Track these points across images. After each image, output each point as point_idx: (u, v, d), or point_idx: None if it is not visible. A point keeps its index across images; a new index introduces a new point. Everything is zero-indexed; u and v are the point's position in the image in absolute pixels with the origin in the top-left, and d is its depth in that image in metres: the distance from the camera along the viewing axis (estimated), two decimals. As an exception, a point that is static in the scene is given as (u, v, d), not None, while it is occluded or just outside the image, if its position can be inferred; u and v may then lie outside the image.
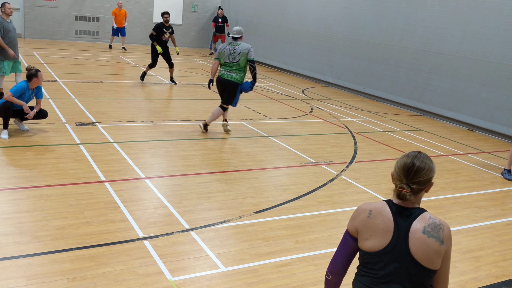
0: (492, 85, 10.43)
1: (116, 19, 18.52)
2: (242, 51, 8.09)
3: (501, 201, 6.59)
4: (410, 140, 9.31)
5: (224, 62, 8.19)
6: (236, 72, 8.16)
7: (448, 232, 2.24)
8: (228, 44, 8.24)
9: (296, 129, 9.34)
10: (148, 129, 8.25)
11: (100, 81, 12.05)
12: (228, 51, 8.15)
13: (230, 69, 8.15)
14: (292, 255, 4.53)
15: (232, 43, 8.22)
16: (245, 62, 8.14)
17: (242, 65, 8.15)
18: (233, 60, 8.12)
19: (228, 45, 8.21)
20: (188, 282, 3.94)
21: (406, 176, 2.26)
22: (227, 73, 8.16)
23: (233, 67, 8.15)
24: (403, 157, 2.32)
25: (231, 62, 8.13)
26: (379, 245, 2.24)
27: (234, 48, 8.14)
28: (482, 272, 4.63)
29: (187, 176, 6.29)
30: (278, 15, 17.53)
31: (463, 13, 10.97)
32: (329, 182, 6.57)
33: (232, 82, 8.17)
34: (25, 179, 5.66)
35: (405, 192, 2.23)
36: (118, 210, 5.09)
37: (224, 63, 8.19)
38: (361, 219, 2.30)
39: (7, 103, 6.96)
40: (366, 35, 13.63)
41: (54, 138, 7.26)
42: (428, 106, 11.94)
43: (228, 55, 8.13)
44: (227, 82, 8.18)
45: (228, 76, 8.17)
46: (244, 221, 5.14)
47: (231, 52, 8.13)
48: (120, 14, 18.55)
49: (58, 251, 4.19)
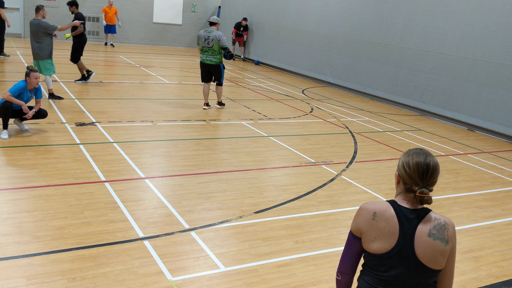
0: (492, 85, 10.43)
1: (106, 16, 18.87)
2: (215, 38, 9.52)
3: (501, 201, 6.59)
4: (410, 140, 9.31)
5: (202, 47, 9.65)
6: (213, 56, 9.67)
7: (452, 230, 2.22)
8: (204, 31, 9.65)
9: (296, 129, 9.34)
10: (148, 129, 8.25)
11: (100, 81, 12.05)
12: (203, 37, 9.59)
13: (207, 53, 9.65)
14: (292, 255, 4.53)
15: (207, 30, 9.64)
16: (218, 47, 9.58)
17: (216, 50, 9.60)
18: (207, 45, 9.57)
19: (204, 32, 9.63)
20: (188, 282, 3.93)
21: (422, 178, 2.19)
22: (206, 57, 9.71)
23: (209, 52, 9.64)
24: (412, 156, 2.23)
25: (206, 47, 9.59)
26: (384, 247, 2.20)
27: (208, 35, 9.57)
28: (482, 272, 4.63)
29: (187, 176, 6.29)
30: (278, 15, 17.53)
31: (463, 13, 10.97)
32: (329, 182, 6.57)
33: (212, 64, 9.78)
34: (25, 179, 5.65)
35: (428, 197, 2.17)
36: (118, 210, 5.09)
37: (202, 47, 9.66)
38: (365, 220, 2.25)
39: (6, 103, 6.96)
40: (366, 35, 13.62)
41: (54, 138, 7.26)
42: (428, 106, 11.94)
43: (203, 40, 9.57)
44: (208, 65, 9.80)
45: (208, 60, 9.74)
46: (244, 221, 5.14)
47: (206, 38, 9.57)
48: (110, 12, 18.88)
49: (58, 251, 4.19)
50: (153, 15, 21.34)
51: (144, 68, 14.90)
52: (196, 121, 9.12)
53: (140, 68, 14.82)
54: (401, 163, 2.27)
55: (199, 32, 9.73)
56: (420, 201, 2.19)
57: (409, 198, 2.25)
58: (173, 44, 22.08)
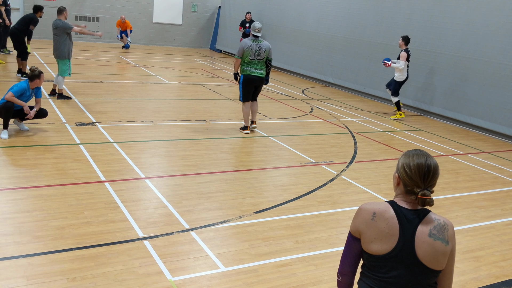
0: (492, 85, 10.43)
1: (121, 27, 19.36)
2: (266, 49, 8.47)
3: (501, 201, 6.58)
4: (410, 140, 9.31)
5: (250, 59, 8.39)
6: (262, 69, 8.55)
7: (452, 230, 2.22)
8: (252, 41, 8.40)
9: (296, 129, 9.34)
10: (148, 129, 8.25)
11: (100, 81, 12.05)
12: (254, 48, 8.35)
13: (257, 66, 8.46)
14: (292, 255, 4.53)
15: (255, 40, 8.43)
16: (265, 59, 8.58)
17: (264, 62, 8.55)
18: (258, 57, 8.39)
19: (253, 43, 8.38)
20: (188, 282, 3.93)
21: (423, 180, 2.18)
22: (256, 70, 8.47)
23: (258, 64, 8.46)
24: (412, 158, 2.22)
25: (256, 59, 8.40)
26: (384, 249, 2.19)
27: (259, 46, 8.40)
28: (482, 272, 4.62)
29: (187, 176, 6.29)
30: (278, 15, 17.53)
31: (463, 13, 10.97)
32: (329, 182, 6.57)
33: (262, 78, 8.59)
34: (25, 179, 5.65)
35: (430, 199, 2.16)
36: (118, 210, 5.08)
37: (250, 60, 8.39)
38: (364, 221, 2.24)
39: (8, 103, 6.96)
40: (366, 35, 13.62)
41: (54, 138, 7.26)
42: (428, 106, 11.94)
43: (253, 52, 8.35)
44: (259, 79, 8.54)
45: (258, 73, 8.50)
46: (244, 221, 5.14)
47: (257, 49, 8.37)
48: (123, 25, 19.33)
49: (58, 251, 4.19)
50: (153, 15, 21.34)
51: (144, 68, 14.90)
52: (196, 121, 9.12)
53: (140, 68, 14.82)
54: (401, 165, 2.25)
55: (245, 42, 8.36)
56: (422, 203, 2.18)
57: (410, 200, 2.24)
58: (173, 44, 22.08)
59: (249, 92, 8.56)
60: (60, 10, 9.78)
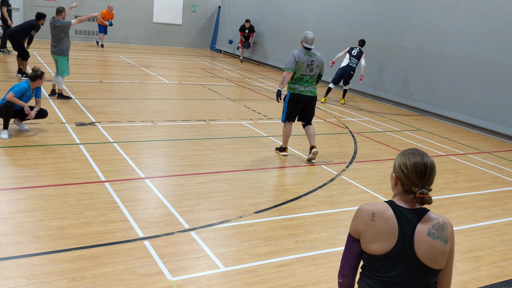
0: (492, 85, 10.43)
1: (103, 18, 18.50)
2: (320, 63, 7.16)
3: (501, 201, 6.59)
4: (410, 140, 9.31)
5: (300, 75, 7.07)
6: (313, 86, 7.23)
7: (451, 230, 2.23)
8: (304, 53, 7.05)
9: (296, 129, 9.33)
10: (148, 129, 8.25)
11: (100, 81, 12.05)
12: (306, 62, 7.03)
13: (307, 83, 7.15)
14: (292, 255, 4.53)
15: (307, 53, 7.07)
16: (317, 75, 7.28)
17: (316, 78, 7.26)
18: (310, 73, 7.10)
19: (305, 55, 7.04)
20: (188, 282, 3.93)
21: (421, 179, 2.19)
22: (306, 88, 7.16)
23: (309, 81, 7.15)
24: (409, 157, 2.23)
25: (308, 75, 7.11)
26: (384, 248, 2.20)
27: (312, 60, 7.08)
28: (482, 272, 4.63)
29: (187, 176, 6.29)
30: (278, 15, 17.53)
31: (463, 13, 10.97)
32: (329, 182, 6.57)
33: (314, 97, 7.27)
34: (25, 179, 5.65)
35: (428, 197, 2.17)
36: (118, 210, 5.09)
37: (301, 76, 7.08)
38: (363, 221, 2.25)
39: (8, 104, 6.96)
40: (366, 35, 13.61)
41: (54, 138, 7.26)
42: (428, 106, 11.94)
43: (306, 66, 7.04)
44: (309, 98, 7.21)
45: (308, 91, 7.17)
46: (244, 221, 5.14)
47: (309, 63, 7.06)
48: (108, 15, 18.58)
49: (58, 251, 4.19)
50: (153, 15, 21.33)
51: (144, 68, 14.90)
52: (196, 121, 9.12)
53: (140, 68, 14.82)
54: (398, 165, 2.26)
55: (294, 53, 7.01)
56: (420, 201, 2.19)
57: (408, 199, 2.25)
58: (173, 44, 22.08)
59: (294, 112, 7.30)
60: (59, 10, 9.81)
